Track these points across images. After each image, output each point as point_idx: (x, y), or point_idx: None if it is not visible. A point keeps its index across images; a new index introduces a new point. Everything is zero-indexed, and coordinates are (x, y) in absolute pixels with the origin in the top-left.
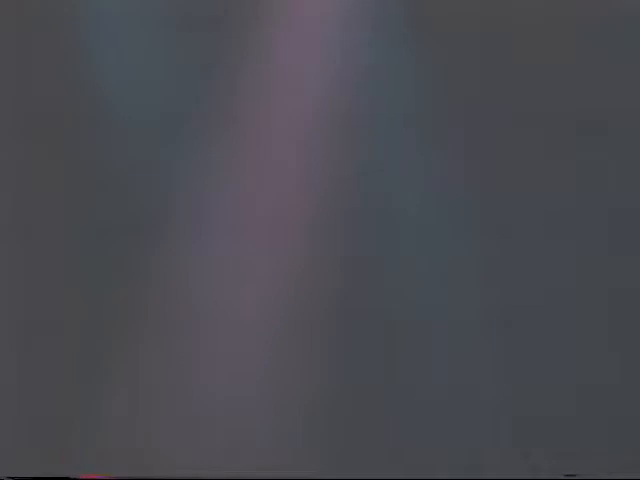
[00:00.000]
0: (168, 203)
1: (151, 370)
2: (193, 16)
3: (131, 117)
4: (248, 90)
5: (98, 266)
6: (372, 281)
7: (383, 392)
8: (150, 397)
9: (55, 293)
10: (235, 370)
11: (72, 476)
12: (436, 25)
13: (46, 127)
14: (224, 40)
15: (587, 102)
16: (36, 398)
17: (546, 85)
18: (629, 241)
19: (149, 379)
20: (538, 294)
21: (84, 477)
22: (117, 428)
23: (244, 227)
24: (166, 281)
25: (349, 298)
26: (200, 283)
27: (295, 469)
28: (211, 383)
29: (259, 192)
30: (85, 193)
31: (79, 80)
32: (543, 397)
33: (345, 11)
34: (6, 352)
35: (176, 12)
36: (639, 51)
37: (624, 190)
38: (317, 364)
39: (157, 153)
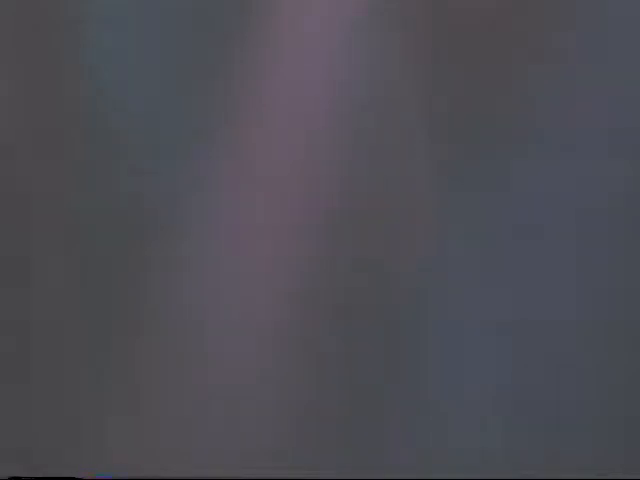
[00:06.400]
0: (170, 204)
1: (152, 370)
2: (195, 15)
3: (131, 117)
4: (252, 90)
5: (99, 267)
6: (377, 281)
7: (386, 393)
8: (151, 397)
9: (55, 293)
10: (237, 371)
11: (72, 476)
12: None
13: (46, 128)
14: (228, 39)
15: None
16: (36, 398)
17: None
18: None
19: (150, 379)
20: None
21: (84, 477)
22: (117, 428)
23: (246, 228)
24: (167, 282)
25: (355, 298)
26: (201, 284)
27: (295, 470)
28: (213, 383)
29: (261, 193)
30: (86, 194)
31: (78, 79)
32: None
33: (353, 11)
34: (6, 352)
35: (178, 11)
36: None
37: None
38: (319, 365)
39: (158, 153)
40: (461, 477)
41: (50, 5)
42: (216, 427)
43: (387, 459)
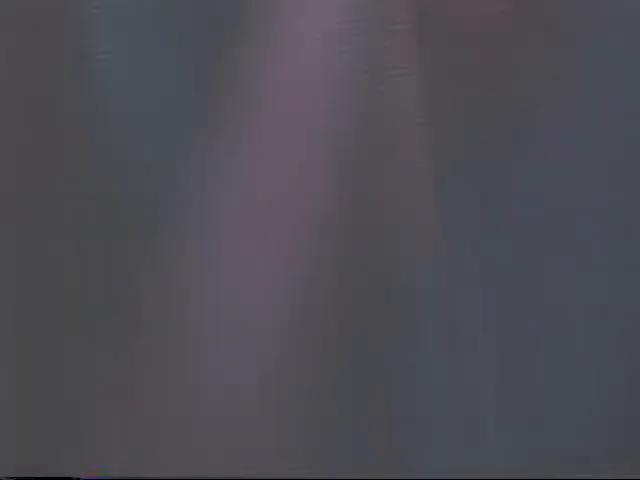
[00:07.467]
0: (170, 203)
1: (152, 370)
2: (196, 15)
3: (133, 117)
4: (254, 90)
5: (101, 266)
6: (379, 281)
7: (387, 393)
8: (151, 397)
9: (56, 292)
10: (237, 371)
11: (72, 476)
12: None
13: (47, 126)
14: (228, 39)
15: None
16: (36, 398)
17: None
18: None
19: (150, 379)
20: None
21: (84, 477)
22: (117, 428)
23: (248, 228)
24: (168, 282)
25: (356, 299)
26: (202, 284)
27: (296, 470)
28: (213, 384)
29: (262, 193)
30: (86, 193)
31: (79, 79)
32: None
33: (352, 12)
34: (6, 352)
35: (179, 11)
36: None
37: None
38: (321, 365)
39: (160, 154)
40: (461, 477)
41: (50, 5)
42: (216, 427)
43: (387, 459)
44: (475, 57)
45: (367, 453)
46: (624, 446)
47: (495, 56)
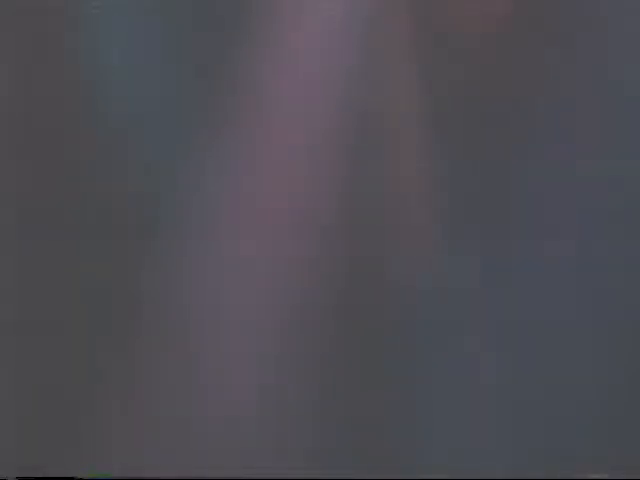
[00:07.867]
0: (171, 203)
1: (152, 370)
2: (196, 15)
3: (133, 117)
4: (254, 90)
5: (101, 266)
6: (377, 281)
7: (387, 393)
8: (151, 397)
9: (57, 293)
10: (237, 371)
11: (72, 476)
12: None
13: (47, 126)
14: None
15: None
16: (36, 398)
17: None
18: None
19: (150, 379)
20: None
21: (84, 477)
22: (117, 428)
23: (246, 228)
24: (167, 281)
25: (354, 299)
26: (202, 284)
27: (296, 470)
28: (213, 384)
29: (262, 193)
30: (86, 193)
31: (78, 79)
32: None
33: (351, 12)
34: (5, 352)
35: (179, 11)
36: None
37: None
38: (320, 365)
39: (160, 154)
40: (461, 477)
41: (50, 5)
42: (216, 427)
43: (388, 459)
44: (475, 57)
45: (367, 453)
46: (624, 446)
47: (495, 56)
